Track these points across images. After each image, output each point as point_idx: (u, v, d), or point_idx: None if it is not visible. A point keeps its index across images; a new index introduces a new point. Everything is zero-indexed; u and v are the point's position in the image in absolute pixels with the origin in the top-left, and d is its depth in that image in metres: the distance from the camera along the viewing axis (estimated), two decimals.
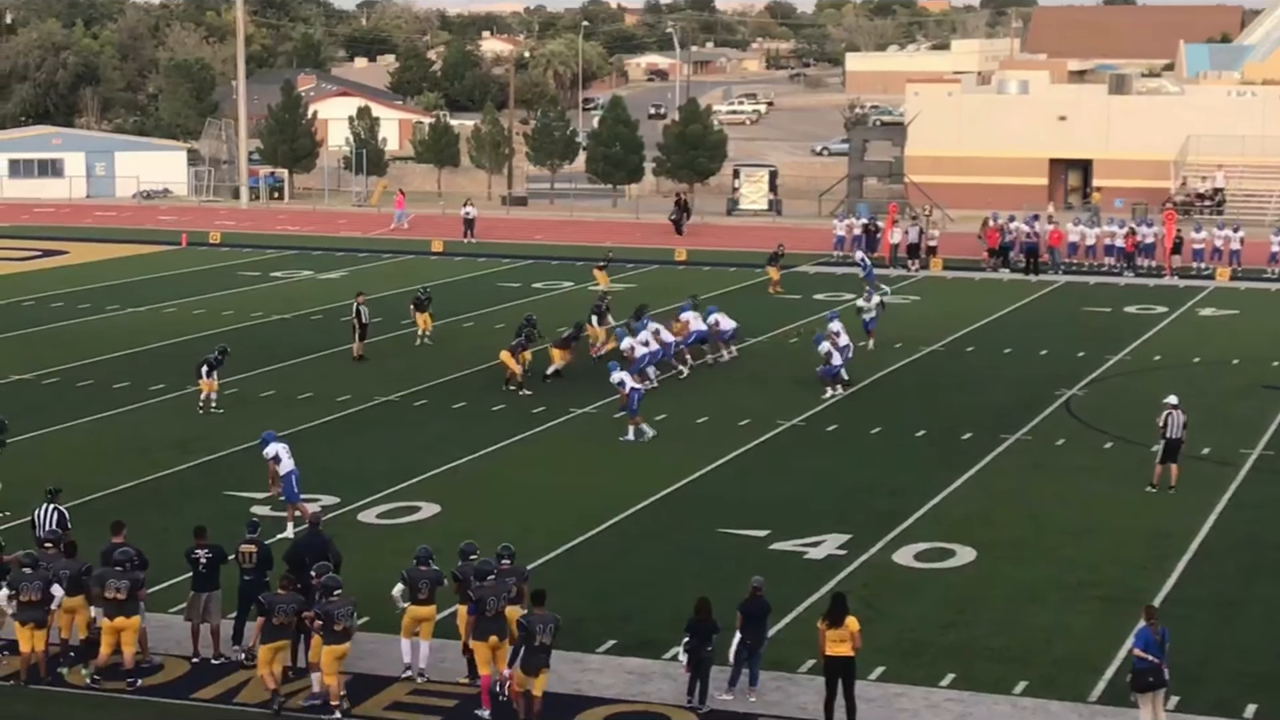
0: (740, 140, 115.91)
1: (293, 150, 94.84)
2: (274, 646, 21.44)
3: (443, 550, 24.02)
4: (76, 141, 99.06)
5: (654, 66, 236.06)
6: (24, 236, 73.90)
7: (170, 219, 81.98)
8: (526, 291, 57.84)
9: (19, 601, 22.05)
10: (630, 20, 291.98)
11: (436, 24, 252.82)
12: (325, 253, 68.64)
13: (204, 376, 38.01)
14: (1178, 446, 31.88)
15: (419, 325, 46.87)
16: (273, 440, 29.52)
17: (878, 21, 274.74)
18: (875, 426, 37.43)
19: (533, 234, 75.51)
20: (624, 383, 36.20)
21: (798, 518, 30.01)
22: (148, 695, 21.86)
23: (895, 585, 26.50)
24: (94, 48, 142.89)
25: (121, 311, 53.45)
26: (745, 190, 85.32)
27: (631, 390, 36.08)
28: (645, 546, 28.62)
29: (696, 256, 66.43)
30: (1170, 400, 32.37)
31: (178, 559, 23.98)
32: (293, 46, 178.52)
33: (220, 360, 38.43)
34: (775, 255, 59.25)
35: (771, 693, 22.00)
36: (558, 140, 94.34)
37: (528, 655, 20.82)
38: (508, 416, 37.89)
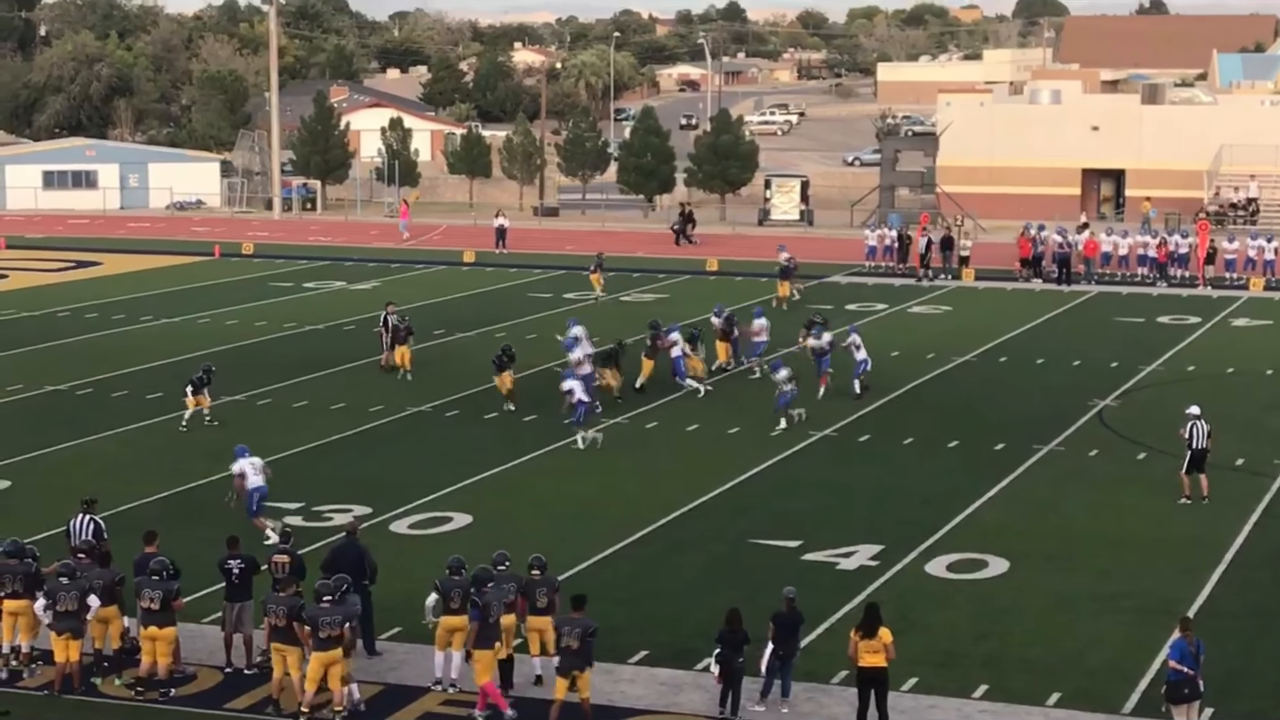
0: (772, 150, 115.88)
1: (325, 161, 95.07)
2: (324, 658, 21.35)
3: (475, 560, 24.00)
4: (110, 153, 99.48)
5: (685, 77, 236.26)
6: (58, 248, 74.25)
7: (203, 230, 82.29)
8: (558, 302, 57.88)
9: (56, 611, 22.12)
10: (662, 31, 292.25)
11: (468, 35, 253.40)
12: (357, 264, 68.80)
13: (189, 395, 37.37)
14: (1204, 456, 31.80)
15: (397, 359, 43.61)
16: (242, 457, 29.73)
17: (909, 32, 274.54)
18: (907, 437, 37.35)
19: (564, 244, 75.57)
20: (573, 391, 36.21)
21: (830, 528, 29.97)
22: (181, 705, 21.92)
23: (928, 596, 26.44)
24: (128, 60, 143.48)
25: (155, 322, 53.66)
26: (777, 200, 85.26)
27: (579, 401, 36.08)
28: (677, 557, 28.61)
29: (728, 266, 66.37)
30: (1193, 410, 32.30)
31: (210, 569, 24.05)
32: (325, 58, 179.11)
33: (206, 379, 37.71)
34: (785, 269, 57.15)
35: (803, 704, 21.96)
36: (589, 151, 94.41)
37: (560, 659, 20.98)
38: (539, 427, 37.89)
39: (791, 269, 57.25)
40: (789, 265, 57.22)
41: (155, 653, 22.15)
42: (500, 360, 40.07)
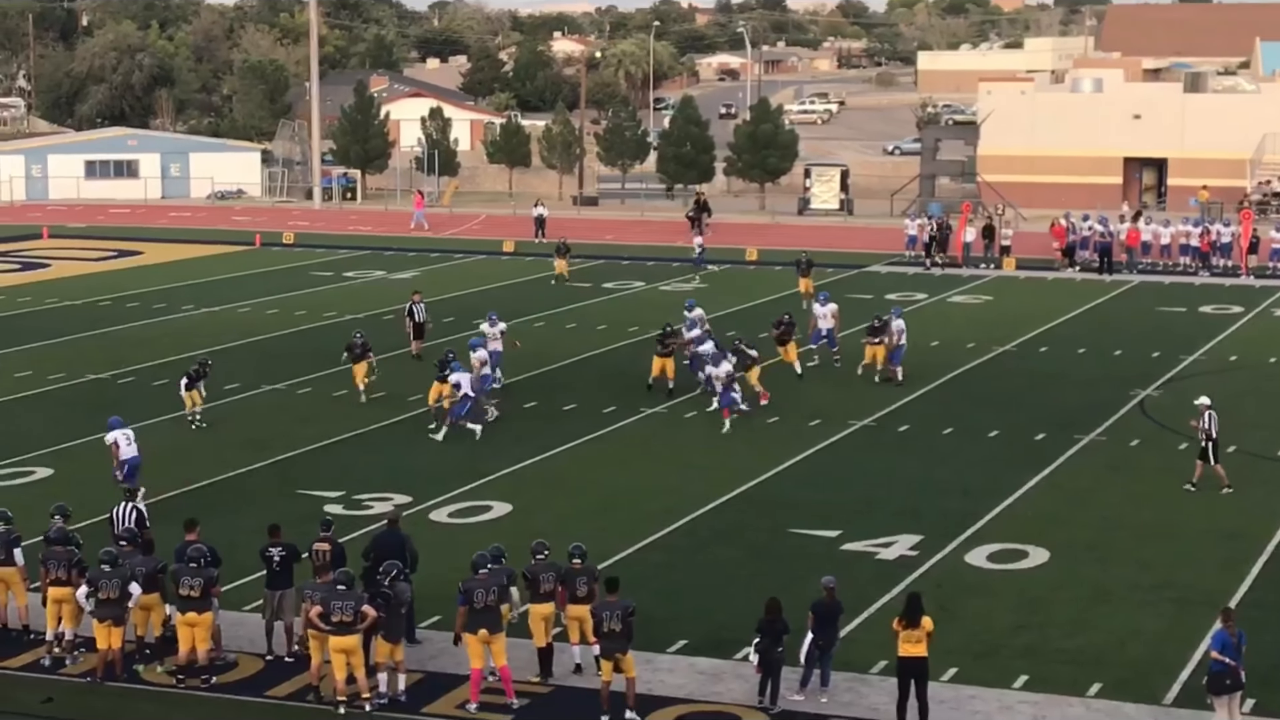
0: (812, 140, 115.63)
1: (365, 151, 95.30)
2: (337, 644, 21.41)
3: (515, 550, 24.03)
4: (152, 143, 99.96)
5: (725, 66, 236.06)
6: (100, 237, 74.63)
7: (244, 219, 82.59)
8: (597, 292, 57.91)
9: (98, 599, 22.25)
10: (701, 20, 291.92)
11: (508, 25, 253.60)
12: (397, 253, 68.95)
13: (184, 390, 36.73)
14: (1216, 445, 31.75)
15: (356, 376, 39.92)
16: (115, 428, 30.94)
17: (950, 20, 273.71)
18: (947, 427, 37.25)
19: (603, 234, 75.57)
20: (460, 385, 35.83)
21: (869, 518, 29.92)
22: (222, 692, 22.02)
23: (967, 586, 26.37)
24: (169, 50, 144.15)
25: (196, 311, 53.89)
26: (817, 190, 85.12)
27: (464, 396, 35.77)
28: (716, 546, 28.60)
29: (768, 256, 66.28)
30: (1204, 400, 32.20)
31: (251, 557, 24.14)
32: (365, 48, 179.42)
33: (200, 373, 36.99)
34: (801, 264, 55.19)
35: (843, 694, 21.93)
36: (629, 140, 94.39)
37: (601, 643, 21.07)
38: (578, 416, 37.93)
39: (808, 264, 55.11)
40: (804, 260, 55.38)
41: (193, 639, 22.25)
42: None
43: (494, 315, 42.49)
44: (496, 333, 41.20)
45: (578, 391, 40.03)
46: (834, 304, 44.57)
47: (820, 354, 44.00)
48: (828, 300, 44.90)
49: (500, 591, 21.85)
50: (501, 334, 41.24)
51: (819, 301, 45.17)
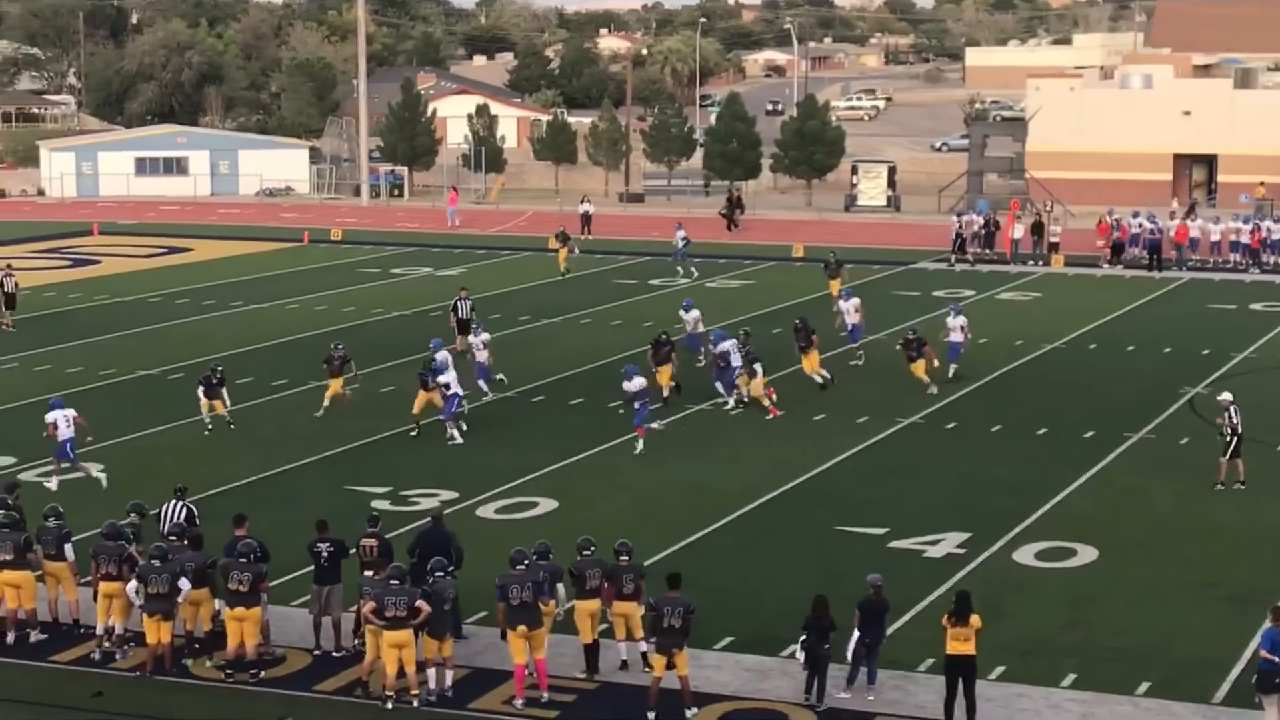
0: (859, 136, 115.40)
1: (412, 148, 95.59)
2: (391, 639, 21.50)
3: (562, 546, 24.05)
4: (201, 140, 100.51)
5: (771, 63, 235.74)
6: (150, 234, 75.06)
7: (292, 216, 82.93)
8: (643, 289, 57.92)
9: (147, 594, 22.38)
10: (748, 16, 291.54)
11: (555, 22, 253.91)
12: (444, 250, 69.11)
13: (202, 396, 36.11)
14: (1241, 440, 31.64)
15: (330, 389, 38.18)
16: (56, 408, 31.92)
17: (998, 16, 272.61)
18: (995, 424, 37.12)
19: (649, 231, 75.57)
20: (449, 385, 35.64)
21: (917, 516, 29.84)
22: (270, 687, 22.12)
23: (1015, 584, 26.27)
24: (218, 47, 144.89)
25: (245, 308, 54.14)
26: (864, 186, 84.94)
27: (453, 394, 35.60)
28: (762, 543, 28.57)
29: (814, 253, 66.10)
30: (1227, 396, 32.08)
31: (298, 553, 24.24)
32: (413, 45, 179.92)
33: (214, 380, 36.12)
34: (829, 264, 53.50)
35: (890, 691, 21.88)
36: (675, 137, 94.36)
37: (658, 638, 21.09)
38: (625, 413, 37.88)
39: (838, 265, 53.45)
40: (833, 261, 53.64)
41: (242, 634, 22.36)
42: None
43: (478, 325, 41.55)
44: (480, 343, 39.97)
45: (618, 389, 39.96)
46: (856, 298, 44.62)
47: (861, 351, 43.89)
48: (850, 295, 44.88)
49: (537, 587, 21.89)
50: (485, 344, 39.97)
51: (842, 298, 45.19)
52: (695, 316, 43.76)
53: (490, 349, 39.91)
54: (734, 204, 77.78)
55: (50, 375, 42.74)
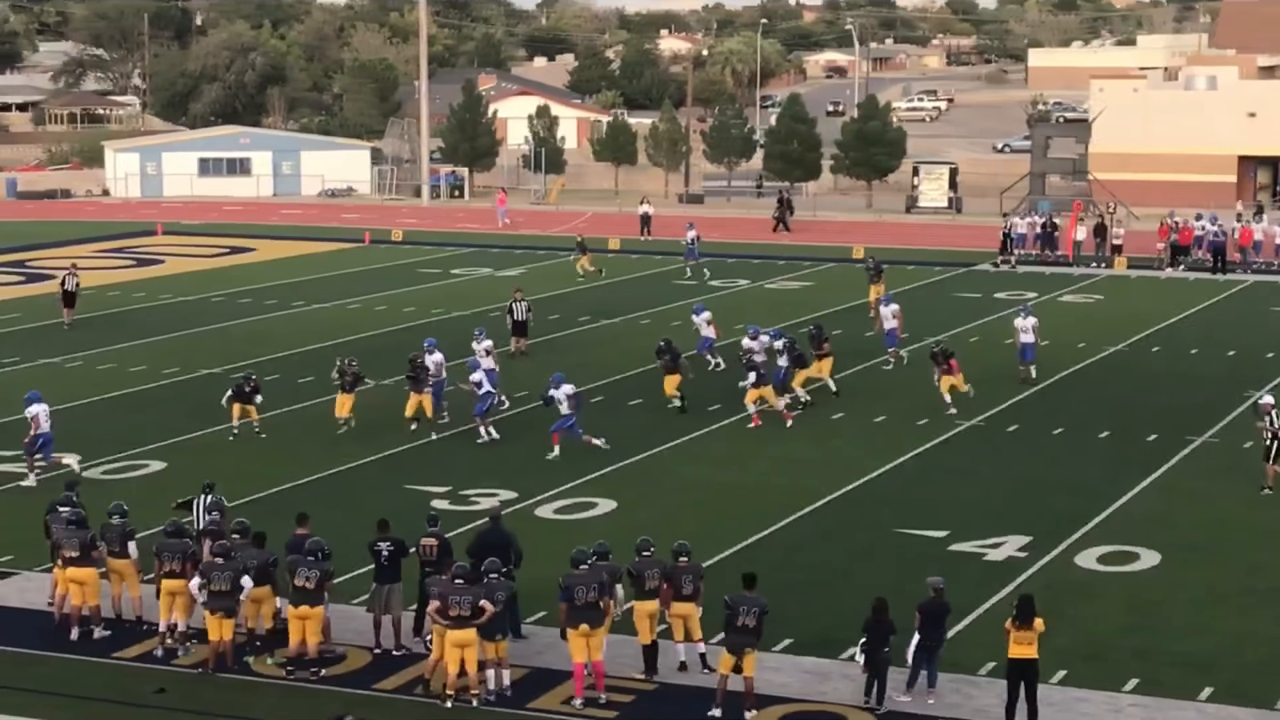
0: (920, 137, 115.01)
1: (473, 149, 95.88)
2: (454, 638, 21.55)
3: (620, 547, 24.05)
4: (264, 141, 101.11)
5: (832, 63, 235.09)
6: (213, 234, 75.54)
7: (354, 217, 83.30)
8: (703, 289, 57.85)
9: (210, 591, 22.52)
10: (809, 17, 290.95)
11: (615, 23, 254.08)
12: (504, 250, 69.25)
13: (235, 403, 35.67)
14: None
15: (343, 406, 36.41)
16: (34, 402, 32.31)
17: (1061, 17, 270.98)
18: (1057, 427, 36.91)
19: (709, 232, 75.46)
20: (482, 384, 35.42)
21: (977, 518, 29.69)
22: (330, 685, 22.21)
23: (1077, 588, 26.10)
24: (281, 49, 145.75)
25: (306, 308, 54.42)
26: (925, 188, 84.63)
27: (486, 393, 35.44)
28: (822, 545, 28.50)
29: (875, 254, 65.85)
30: (1269, 400, 31.84)
31: (359, 551, 24.32)
32: (474, 46, 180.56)
33: (246, 388, 35.75)
34: (870, 268, 52.25)
35: (950, 695, 21.78)
36: (734, 138, 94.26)
37: (730, 636, 21.05)
38: (685, 414, 37.85)
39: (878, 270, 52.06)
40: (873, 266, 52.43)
41: (305, 631, 22.46)
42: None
43: (480, 331, 40.85)
44: (484, 350, 39.36)
45: (682, 388, 39.91)
46: (895, 305, 44.37)
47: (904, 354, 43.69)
48: (890, 301, 44.70)
49: (600, 588, 21.90)
50: (489, 351, 39.40)
51: (882, 303, 44.99)
52: (706, 319, 43.42)
53: (495, 356, 39.50)
54: (784, 205, 77.66)
55: (114, 374, 43.08)
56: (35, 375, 42.96)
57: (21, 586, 25.77)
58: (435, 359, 37.35)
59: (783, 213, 76.95)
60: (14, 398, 39.74)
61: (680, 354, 38.80)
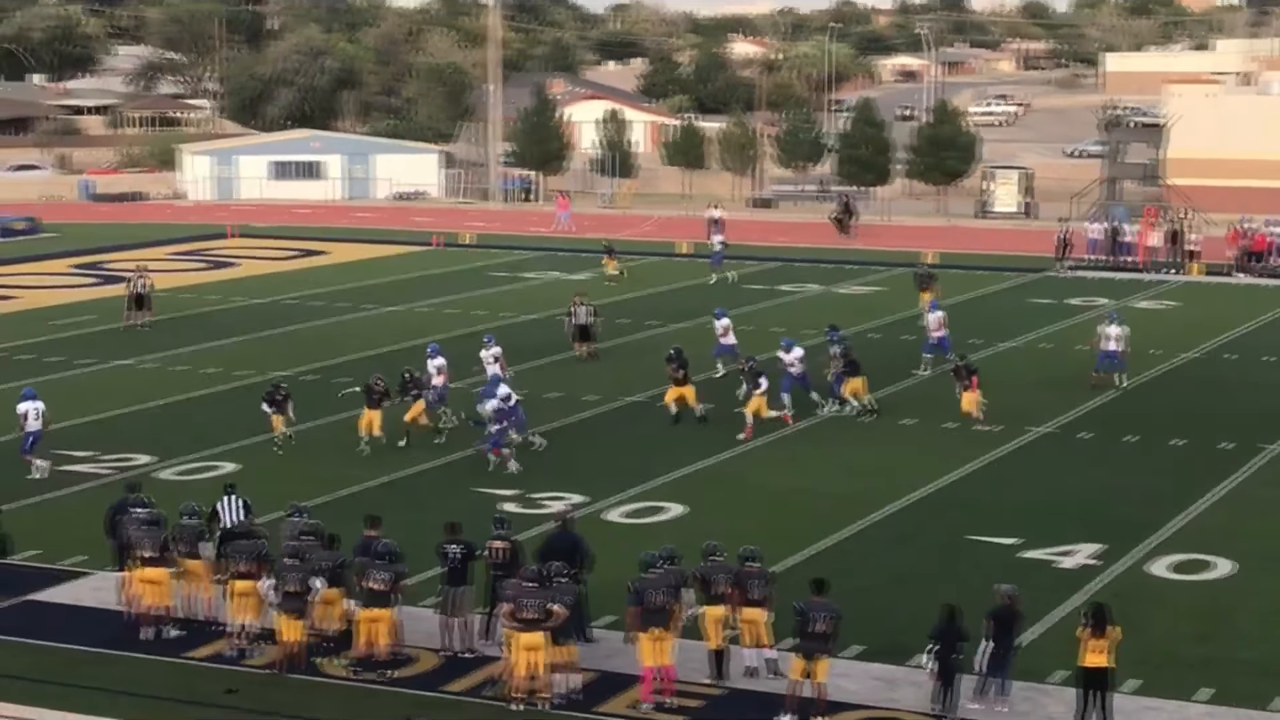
0: (993, 142, 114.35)
1: (543, 153, 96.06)
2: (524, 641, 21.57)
3: (689, 551, 24.02)
4: (335, 144, 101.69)
5: (904, 68, 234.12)
6: (285, 237, 76.01)
7: (424, 220, 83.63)
8: (773, 294, 57.77)
9: (283, 592, 22.64)
10: (881, 21, 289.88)
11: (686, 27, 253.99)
12: (573, 254, 69.33)
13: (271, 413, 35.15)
14: None
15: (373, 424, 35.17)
16: (28, 399, 33.05)
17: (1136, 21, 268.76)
18: (1131, 434, 36.62)
19: (778, 236, 75.39)
20: (510, 396, 34.51)
21: (1049, 526, 29.50)
22: (399, 687, 22.30)
23: (1149, 596, 25.88)
24: (353, 52, 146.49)
25: (377, 310, 54.68)
26: (997, 193, 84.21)
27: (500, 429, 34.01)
28: (892, 551, 28.39)
29: (946, 259, 65.66)
30: None
31: (427, 554, 24.40)
32: (545, 50, 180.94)
33: (277, 397, 35.23)
34: (920, 276, 51.37)
35: (1021, 703, 21.63)
36: (805, 142, 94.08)
37: (803, 642, 21.04)
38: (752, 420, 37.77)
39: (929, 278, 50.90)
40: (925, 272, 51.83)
41: (375, 634, 22.55)
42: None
43: (489, 338, 40.70)
44: (492, 356, 39.19)
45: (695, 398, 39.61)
46: (942, 312, 44.17)
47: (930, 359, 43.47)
48: (936, 307, 44.47)
49: (671, 591, 21.88)
50: (497, 359, 39.17)
51: (930, 309, 44.74)
52: (725, 325, 43.16)
53: (502, 362, 39.18)
54: (847, 209, 77.43)
55: (188, 376, 43.43)
56: (110, 377, 43.43)
57: (95, 586, 26.00)
58: (437, 363, 37.53)
59: (844, 215, 76.73)
60: (90, 400, 40.27)
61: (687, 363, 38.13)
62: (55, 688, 22.10)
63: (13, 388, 38.78)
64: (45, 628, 24.34)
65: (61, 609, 25.26)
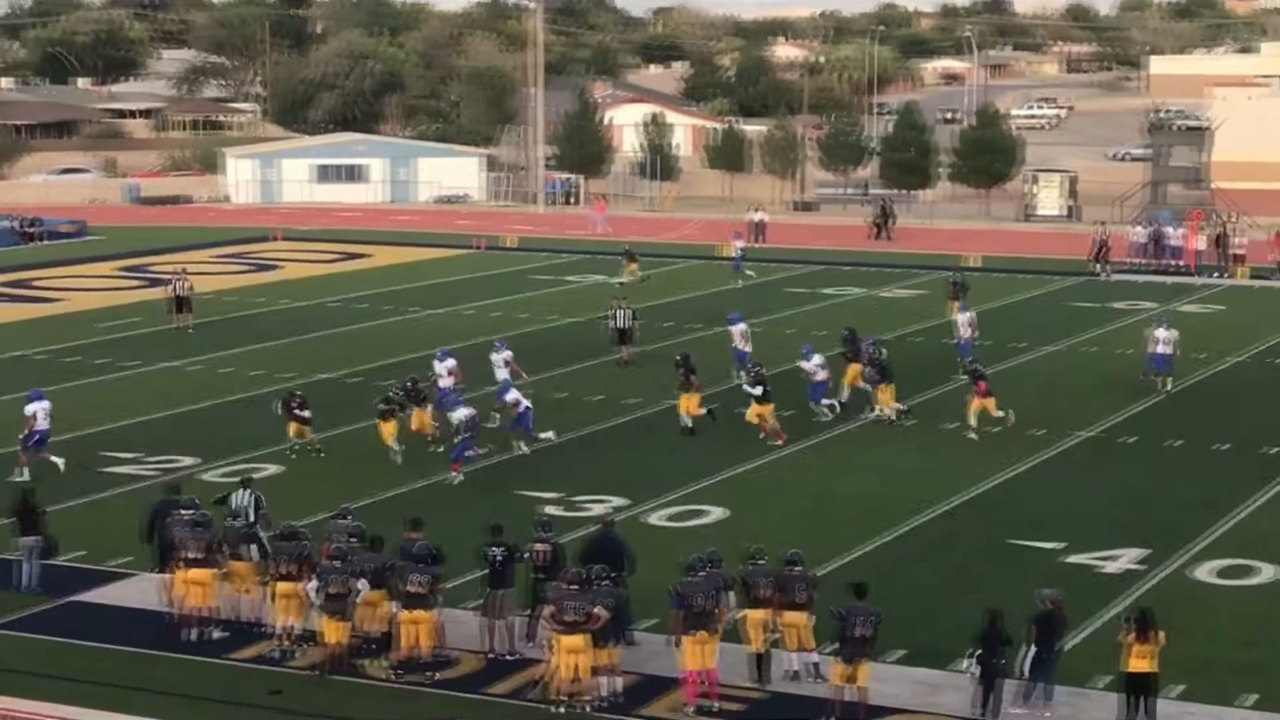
0: (1037, 145, 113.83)
1: (585, 156, 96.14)
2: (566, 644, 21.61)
3: (731, 554, 24.02)
4: (379, 148, 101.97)
5: (948, 70, 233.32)
6: (329, 239, 76.27)
7: (467, 223, 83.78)
8: (816, 298, 57.70)
9: (326, 594, 22.73)
10: (924, 24, 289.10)
11: (729, 30, 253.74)
12: (615, 257, 69.21)
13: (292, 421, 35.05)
14: None
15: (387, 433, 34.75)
16: (35, 400, 33.58)
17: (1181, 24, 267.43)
18: (1176, 438, 36.44)
19: (821, 239, 75.28)
20: (519, 401, 34.89)
21: (1093, 530, 29.39)
22: (442, 689, 22.35)
23: (1194, 602, 25.75)
24: (397, 56, 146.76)
25: (421, 313, 54.82)
26: (1041, 196, 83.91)
27: (525, 410, 34.70)
28: (934, 555, 28.32)
29: (990, 263, 65.49)
30: None
31: (470, 556, 24.44)
32: (587, 54, 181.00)
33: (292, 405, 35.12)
34: (955, 284, 49.94)
35: (1063, 707, 21.55)
36: (848, 145, 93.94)
37: (843, 646, 21.06)
38: (795, 422, 37.75)
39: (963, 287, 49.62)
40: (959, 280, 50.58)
41: (417, 636, 22.61)
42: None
43: (500, 343, 40.72)
44: (502, 360, 39.02)
45: (795, 396, 39.78)
46: (972, 313, 44.09)
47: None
48: (966, 309, 44.30)
49: (713, 595, 21.88)
50: (507, 363, 38.99)
51: (959, 310, 44.57)
52: (741, 330, 43.01)
53: (513, 366, 38.96)
54: (885, 213, 77.26)
55: (232, 378, 43.64)
56: (156, 379, 43.66)
57: (141, 587, 26.14)
58: (447, 364, 37.58)
59: (883, 220, 76.58)
60: (135, 402, 40.50)
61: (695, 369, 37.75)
62: (100, 688, 22.24)
63: (58, 390, 39.06)
64: (90, 628, 24.51)
65: (106, 610, 25.42)
